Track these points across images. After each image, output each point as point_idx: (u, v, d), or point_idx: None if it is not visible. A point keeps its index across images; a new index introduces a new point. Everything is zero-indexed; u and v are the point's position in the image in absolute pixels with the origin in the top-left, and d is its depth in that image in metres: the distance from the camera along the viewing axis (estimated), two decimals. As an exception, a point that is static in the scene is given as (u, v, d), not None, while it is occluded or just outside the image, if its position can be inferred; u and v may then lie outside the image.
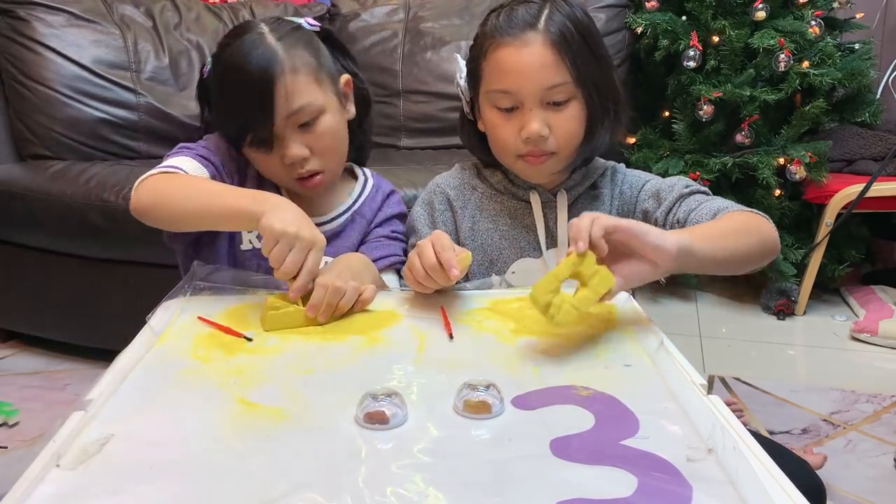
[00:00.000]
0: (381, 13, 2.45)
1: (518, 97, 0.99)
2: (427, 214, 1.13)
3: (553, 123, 1.00)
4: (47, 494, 0.54)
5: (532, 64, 0.97)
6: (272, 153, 1.02)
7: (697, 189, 1.05)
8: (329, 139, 1.04)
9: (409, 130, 2.35)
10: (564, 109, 1.00)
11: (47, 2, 2.06)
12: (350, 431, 0.62)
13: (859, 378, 1.84)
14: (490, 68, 1.01)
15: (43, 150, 2.01)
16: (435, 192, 1.14)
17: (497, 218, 1.10)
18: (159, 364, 0.76)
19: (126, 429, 0.63)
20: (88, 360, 1.92)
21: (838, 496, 1.36)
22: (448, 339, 0.82)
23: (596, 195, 1.11)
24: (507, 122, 1.01)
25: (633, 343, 0.80)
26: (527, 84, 0.98)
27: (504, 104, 1.01)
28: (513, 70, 0.98)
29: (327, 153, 1.04)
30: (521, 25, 0.98)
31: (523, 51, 0.97)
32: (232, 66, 0.99)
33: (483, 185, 1.13)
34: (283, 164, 1.02)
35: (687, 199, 1.02)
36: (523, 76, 0.98)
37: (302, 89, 1.00)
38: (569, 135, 1.01)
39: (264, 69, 0.97)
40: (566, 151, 1.03)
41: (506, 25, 0.99)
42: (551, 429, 0.62)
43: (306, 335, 0.84)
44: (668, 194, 1.04)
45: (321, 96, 1.02)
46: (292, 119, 1.00)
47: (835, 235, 2.16)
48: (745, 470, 0.54)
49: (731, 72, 2.17)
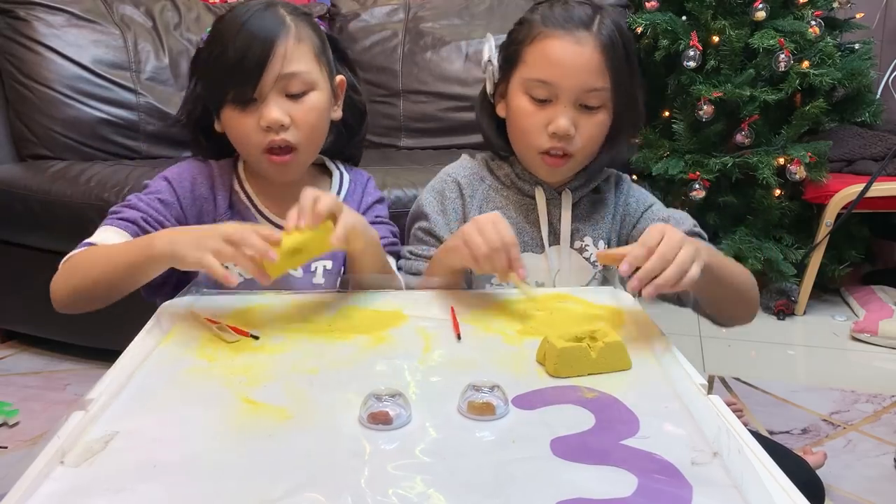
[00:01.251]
0: (381, 13, 2.45)
1: (555, 90, 1.00)
2: (437, 201, 1.12)
3: (580, 125, 1.01)
4: (51, 491, 0.54)
5: (579, 62, 0.99)
6: (250, 115, 0.98)
7: (701, 233, 1.07)
8: (313, 116, 1.01)
9: (409, 130, 2.35)
10: (594, 115, 1.01)
11: (47, 2, 2.06)
12: (353, 431, 0.62)
13: (859, 378, 1.84)
14: (534, 56, 1.01)
15: (43, 150, 2.01)
16: (446, 180, 1.14)
17: (503, 211, 1.10)
18: (165, 362, 0.76)
19: (131, 426, 0.63)
20: (88, 360, 1.92)
21: (838, 496, 1.36)
22: (456, 339, 0.83)
23: (599, 199, 1.12)
24: (537, 112, 1.02)
25: (639, 345, 0.80)
26: (569, 80, 0.99)
27: (539, 94, 1.01)
28: (559, 63, 0.99)
29: (306, 129, 1.00)
30: (576, 23, 0.99)
31: (575, 48, 0.99)
32: (234, 20, 0.97)
33: (490, 178, 1.13)
34: (259, 128, 0.98)
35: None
36: (568, 72, 0.99)
37: (302, 56, 0.99)
38: (592, 139, 1.03)
39: (269, 28, 0.96)
40: (584, 155, 1.04)
41: (562, 19, 1.00)
42: (553, 429, 0.62)
43: (312, 334, 0.84)
44: (678, 226, 1.05)
45: (318, 74, 1.01)
46: (282, 83, 0.97)
47: (835, 235, 2.16)
48: (749, 473, 0.54)
49: (731, 72, 2.17)
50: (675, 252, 0.80)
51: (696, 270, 0.80)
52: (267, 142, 0.99)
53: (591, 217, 1.11)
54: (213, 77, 1.00)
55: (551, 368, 0.74)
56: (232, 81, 0.97)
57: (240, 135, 1.01)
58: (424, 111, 2.32)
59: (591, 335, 0.75)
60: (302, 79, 0.99)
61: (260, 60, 0.95)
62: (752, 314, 1.05)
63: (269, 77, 0.96)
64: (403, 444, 0.60)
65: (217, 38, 0.99)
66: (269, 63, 0.96)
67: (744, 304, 1.03)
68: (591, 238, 1.09)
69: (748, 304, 1.03)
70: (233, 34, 0.97)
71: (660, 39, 2.20)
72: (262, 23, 0.97)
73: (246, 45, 0.96)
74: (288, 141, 0.99)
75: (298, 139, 1.00)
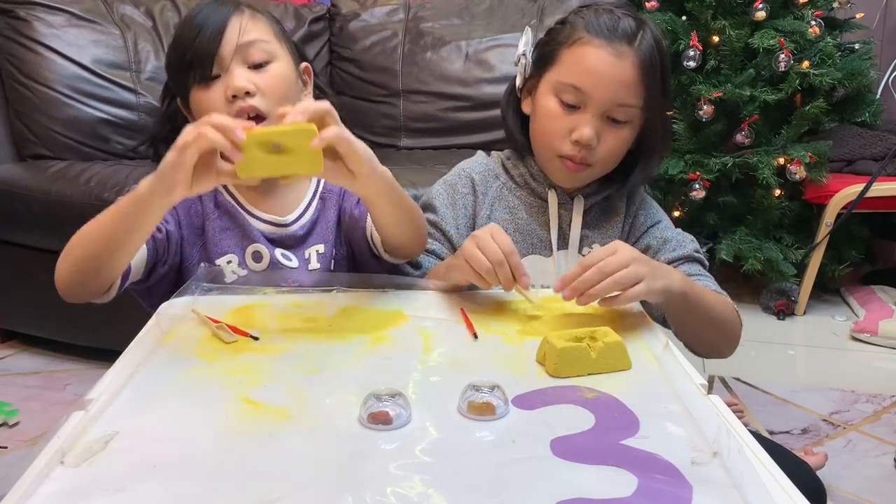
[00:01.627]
0: (381, 13, 2.45)
1: (585, 98, 0.99)
2: (448, 195, 1.11)
3: (604, 137, 1.00)
4: (51, 491, 0.54)
5: (616, 75, 0.98)
6: (215, 89, 0.98)
7: (702, 259, 1.08)
8: (279, 83, 1.00)
9: (409, 130, 2.35)
10: (620, 129, 1.01)
11: (47, 2, 2.06)
12: (354, 431, 0.62)
13: (859, 378, 1.84)
14: (571, 60, 1.00)
15: (43, 150, 2.01)
16: (460, 175, 1.14)
17: (514, 210, 1.10)
18: (165, 362, 0.76)
19: (130, 426, 0.63)
20: (88, 360, 1.92)
21: (838, 496, 1.36)
22: (473, 338, 0.83)
23: (610, 207, 1.11)
24: (563, 117, 1.01)
25: (639, 345, 0.80)
26: (601, 92, 0.98)
27: (568, 99, 1.00)
28: (595, 72, 0.98)
29: (273, 97, 0.99)
30: (620, 35, 0.98)
31: (614, 60, 0.97)
32: (194, 11, 1.00)
33: (505, 176, 1.13)
34: (226, 99, 0.97)
35: (691, 265, 1.06)
36: (602, 82, 0.98)
37: (259, 28, 0.99)
38: (612, 153, 1.02)
39: (223, 11, 0.98)
40: (602, 167, 1.04)
41: (606, 29, 0.99)
42: (553, 429, 0.62)
43: (312, 334, 0.84)
44: (678, 248, 1.06)
45: (277, 46, 1.01)
46: (241, 53, 0.98)
47: (835, 235, 2.16)
48: (749, 473, 0.54)
49: (731, 72, 2.17)
50: (615, 268, 0.82)
51: (641, 289, 0.82)
52: (235, 110, 0.97)
53: (602, 225, 1.10)
54: (175, 66, 1.01)
55: (551, 368, 0.74)
56: (192, 62, 0.97)
57: (208, 110, 0.96)
58: (424, 111, 2.32)
59: (591, 335, 0.75)
60: (261, 47, 0.99)
61: (215, 34, 0.96)
62: (732, 348, 1.06)
63: (227, 48, 0.97)
64: (403, 444, 0.60)
65: (176, 35, 1.02)
66: (226, 34, 0.97)
67: (722, 336, 1.03)
68: (599, 245, 1.08)
69: (727, 336, 1.03)
70: (189, 23, 0.99)
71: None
72: (216, 7, 0.99)
73: (201, 25, 0.97)
74: (256, 108, 0.97)
75: (266, 106, 0.98)
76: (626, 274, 0.82)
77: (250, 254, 1.03)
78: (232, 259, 1.02)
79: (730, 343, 1.05)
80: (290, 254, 1.04)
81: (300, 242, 1.05)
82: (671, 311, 0.95)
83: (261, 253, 1.03)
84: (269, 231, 1.04)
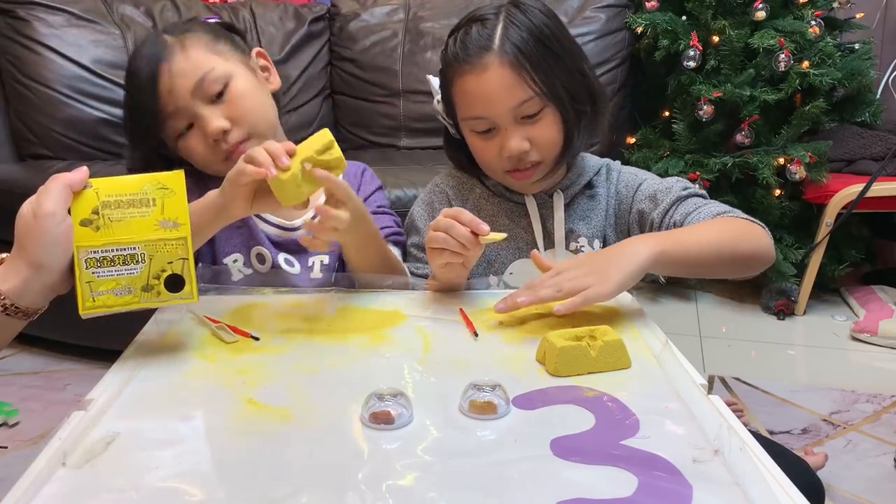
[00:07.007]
0: (381, 13, 2.45)
1: (491, 120, 0.99)
2: (427, 213, 1.13)
3: (532, 136, 1.00)
4: (53, 493, 0.54)
5: (494, 88, 0.97)
6: (193, 136, 0.99)
7: (695, 192, 1.05)
8: (247, 101, 1.01)
9: (409, 130, 2.35)
10: (539, 120, 1.00)
11: (47, 2, 2.06)
12: (355, 431, 0.62)
13: (859, 378, 1.84)
14: (458, 97, 1.02)
15: (43, 150, 2.01)
16: (434, 191, 1.15)
17: (495, 219, 1.10)
18: (165, 363, 0.76)
19: (131, 427, 0.63)
20: (88, 360, 1.92)
21: (838, 496, 1.36)
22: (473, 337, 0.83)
23: (592, 195, 1.11)
24: (488, 143, 1.02)
25: (639, 344, 0.80)
26: (495, 108, 0.98)
27: (480, 128, 1.01)
28: (478, 97, 0.98)
29: (248, 117, 1.00)
30: (475, 50, 0.97)
31: (483, 76, 0.97)
32: (129, 75, 1.01)
33: (481, 187, 1.13)
34: (209, 145, 0.99)
35: (685, 202, 1.03)
36: (489, 101, 0.98)
37: (197, 58, 0.99)
38: (549, 143, 1.01)
39: (150, 57, 0.98)
40: (549, 158, 1.03)
41: (462, 52, 0.99)
42: (554, 429, 0.62)
43: (312, 334, 0.84)
44: (665, 196, 1.04)
45: (222, 64, 1.01)
46: (199, 93, 0.98)
47: (835, 235, 2.16)
48: (751, 471, 0.54)
49: (731, 72, 2.17)
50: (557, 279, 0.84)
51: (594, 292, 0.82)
52: (223, 152, 1.00)
53: (587, 216, 1.10)
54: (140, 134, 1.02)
55: (551, 367, 0.74)
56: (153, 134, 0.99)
57: (196, 159, 1.02)
58: (424, 111, 2.32)
59: (591, 334, 0.75)
60: (212, 77, 0.99)
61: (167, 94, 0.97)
62: (762, 259, 0.97)
63: (183, 101, 0.97)
64: (405, 444, 0.60)
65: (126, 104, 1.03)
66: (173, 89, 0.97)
67: (741, 259, 0.95)
68: (585, 238, 1.08)
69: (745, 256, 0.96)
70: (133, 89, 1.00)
71: (660, 39, 2.20)
72: (146, 54, 0.99)
73: (143, 88, 0.97)
74: (238, 143, 1.00)
75: (247, 130, 1.00)
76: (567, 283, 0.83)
77: (254, 255, 1.03)
78: (238, 258, 1.03)
79: (758, 257, 0.96)
80: (293, 259, 1.04)
81: (304, 249, 1.05)
82: (668, 273, 0.90)
83: (264, 255, 1.03)
84: (274, 234, 1.04)
